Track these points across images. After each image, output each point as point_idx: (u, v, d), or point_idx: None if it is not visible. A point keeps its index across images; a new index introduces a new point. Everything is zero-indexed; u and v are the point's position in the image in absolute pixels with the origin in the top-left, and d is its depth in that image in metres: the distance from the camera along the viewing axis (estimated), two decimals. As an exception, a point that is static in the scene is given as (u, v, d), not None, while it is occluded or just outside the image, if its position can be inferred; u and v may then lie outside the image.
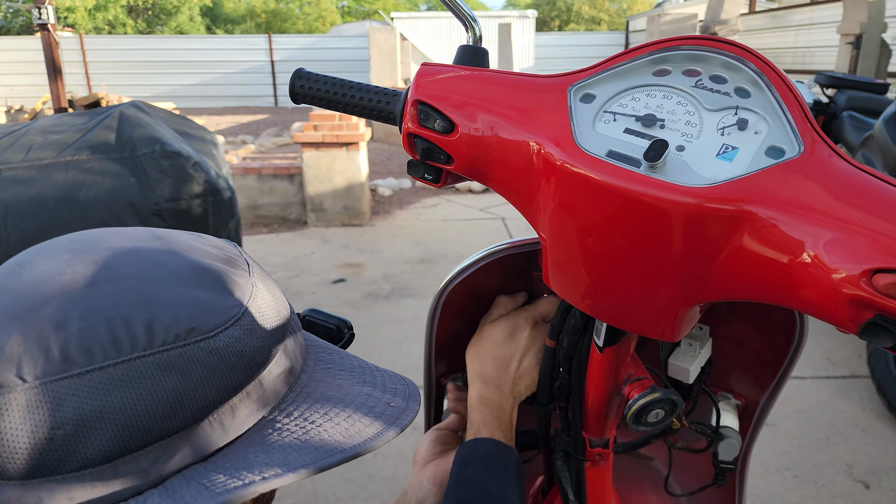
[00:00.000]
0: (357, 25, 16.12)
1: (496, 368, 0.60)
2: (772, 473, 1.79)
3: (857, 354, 2.42)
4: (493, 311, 0.65)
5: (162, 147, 2.30)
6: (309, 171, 4.19)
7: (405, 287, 3.21)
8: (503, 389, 0.60)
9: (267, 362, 0.37)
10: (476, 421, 0.58)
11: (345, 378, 0.43)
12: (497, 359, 0.61)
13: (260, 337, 0.37)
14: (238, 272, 0.39)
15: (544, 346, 0.59)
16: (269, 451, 0.35)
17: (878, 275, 0.33)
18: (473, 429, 0.58)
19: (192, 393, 0.33)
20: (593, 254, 0.43)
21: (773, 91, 0.41)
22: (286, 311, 0.41)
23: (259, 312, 0.38)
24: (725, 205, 0.37)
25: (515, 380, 0.60)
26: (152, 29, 20.09)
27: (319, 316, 0.53)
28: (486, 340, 0.62)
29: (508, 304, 0.65)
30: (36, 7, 3.51)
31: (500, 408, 0.59)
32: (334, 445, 0.36)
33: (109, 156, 2.28)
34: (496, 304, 0.65)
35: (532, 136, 0.45)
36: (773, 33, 9.98)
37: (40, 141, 2.31)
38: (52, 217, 2.20)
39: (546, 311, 0.63)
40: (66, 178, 2.23)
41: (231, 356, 0.35)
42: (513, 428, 0.60)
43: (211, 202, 2.39)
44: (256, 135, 8.87)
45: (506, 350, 0.61)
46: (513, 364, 0.61)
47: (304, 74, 0.56)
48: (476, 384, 0.60)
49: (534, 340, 0.61)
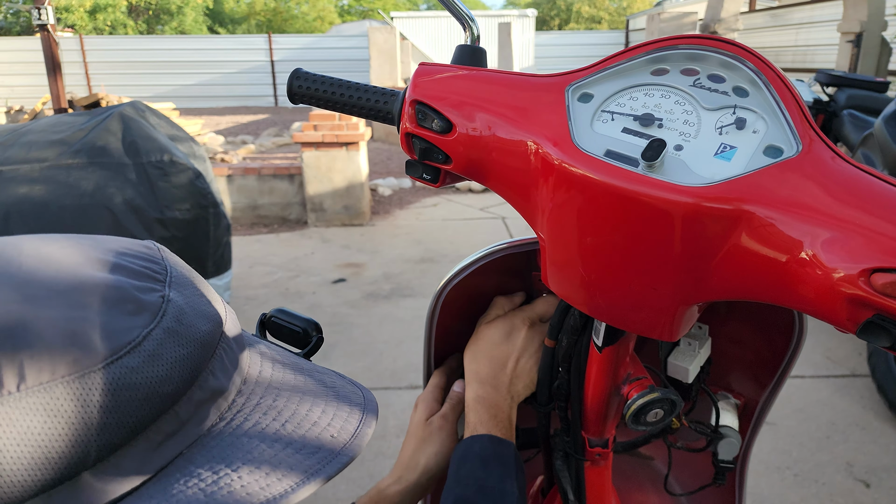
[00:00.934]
0: (357, 25, 16.11)
1: (492, 368, 0.60)
2: (772, 472, 1.79)
3: (857, 353, 2.42)
4: (490, 312, 0.64)
5: (170, 158, 2.32)
6: (309, 171, 4.19)
7: (405, 287, 3.21)
8: (500, 389, 0.59)
9: (178, 396, 0.31)
10: (473, 420, 0.58)
11: (290, 408, 0.36)
12: (493, 359, 0.60)
13: (167, 365, 0.30)
14: (147, 285, 0.33)
15: (543, 345, 0.59)
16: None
17: (877, 274, 0.33)
18: (470, 428, 0.58)
19: (73, 438, 0.27)
20: (591, 253, 0.42)
21: (772, 90, 0.40)
22: (218, 326, 0.35)
23: (171, 334, 0.31)
24: (723, 204, 0.37)
25: (513, 379, 0.60)
26: (152, 29, 20.09)
27: (285, 317, 0.48)
28: (483, 341, 0.62)
29: (506, 304, 0.64)
30: (35, 8, 3.51)
31: (497, 407, 0.59)
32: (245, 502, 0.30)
33: (113, 160, 2.28)
34: (493, 304, 0.65)
35: (530, 135, 0.45)
36: (773, 31, 9.97)
37: (41, 141, 2.31)
38: (55, 220, 2.20)
39: (543, 311, 0.63)
40: (68, 180, 2.23)
41: (124, 390, 0.28)
42: (512, 427, 0.59)
43: (212, 213, 2.42)
44: (256, 135, 8.87)
45: (502, 350, 0.61)
46: (509, 364, 0.60)
47: (302, 74, 0.56)
48: (473, 385, 0.60)
49: (531, 340, 0.61)
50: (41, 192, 2.21)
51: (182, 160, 2.34)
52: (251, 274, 3.44)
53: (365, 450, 1.88)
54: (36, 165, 2.24)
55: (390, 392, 2.21)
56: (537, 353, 0.61)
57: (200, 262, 2.39)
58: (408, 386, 2.25)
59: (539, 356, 0.61)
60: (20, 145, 2.30)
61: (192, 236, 2.35)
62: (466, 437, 0.57)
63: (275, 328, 0.48)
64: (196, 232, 2.36)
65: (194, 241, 2.36)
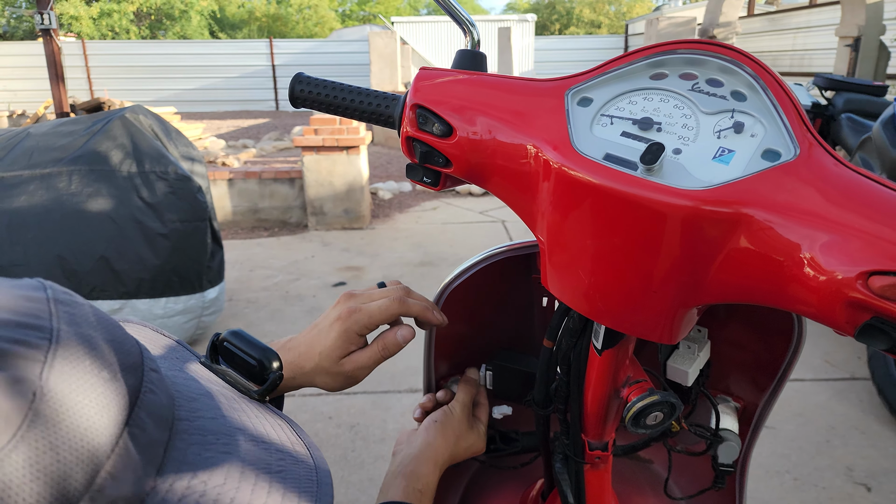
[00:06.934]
0: (357, 30, 16.17)
1: (433, 467, 0.63)
2: (772, 476, 1.79)
3: (856, 357, 2.42)
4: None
5: (175, 170, 2.33)
6: (309, 174, 4.19)
7: (405, 290, 3.21)
8: (435, 472, 0.62)
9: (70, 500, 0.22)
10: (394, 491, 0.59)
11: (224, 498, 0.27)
12: (437, 462, 0.63)
13: (49, 463, 0.22)
14: (23, 350, 0.23)
15: (543, 346, 0.59)
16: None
17: (875, 277, 0.33)
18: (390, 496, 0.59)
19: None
20: (591, 257, 0.43)
21: (769, 94, 0.41)
22: (126, 389, 0.25)
23: (54, 415, 0.22)
24: (722, 207, 0.37)
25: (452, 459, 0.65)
26: (155, 34, 20.15)
27: (241, 344, 0.39)
28: (425, 446, 0.63)
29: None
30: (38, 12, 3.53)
31: (427, 484, 0.61)
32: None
33: (115, 169, 2.29)
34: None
35: (530, 139, 0.45)
36: (772, 36, 10.00)
37: (42, 146, 2.32)
38: (56, 227, 2.20)
39: (466, 398, 0.68)
40: (70, 188, 2.23)
41: None
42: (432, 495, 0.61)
43: (209, 227, 2.43)
44: (257, 139, 8.89)
45: (443, 451, 0.64)
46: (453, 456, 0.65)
47: (304, 79, 0.56)
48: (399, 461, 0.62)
49: (461, 423, 0.66)
50: (43, 199, 2.21)
51: (185, 173, 2.36)
52: (251, 277, 3.44)
53: (364, 451, 1.88)
54: (37, 171, 2.24)
55: (390, 395, 2.21)
56: (470, 431, 0.66)
57: (197, 274, 2.40)
58: (407, 389, 2.25)
59: (474, 432, 0.66)
60: (21, 150, 2.30)
61: (191, 248, 2.36)
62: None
63: (226, 354, 0.39)
64: (195, 244, 2.37)
65: (193, 254, 2.37)
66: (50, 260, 2.18)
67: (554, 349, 0.58)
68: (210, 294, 2.46)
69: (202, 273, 2.41)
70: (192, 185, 2.36)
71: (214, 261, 2.49)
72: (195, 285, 2.38)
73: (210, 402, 0.32)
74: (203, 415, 0.30)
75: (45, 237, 2.19)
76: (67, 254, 2.19)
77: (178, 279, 2.33)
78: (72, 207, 2.21)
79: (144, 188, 2.29)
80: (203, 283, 2.42)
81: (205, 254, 2.41)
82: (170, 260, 2.29)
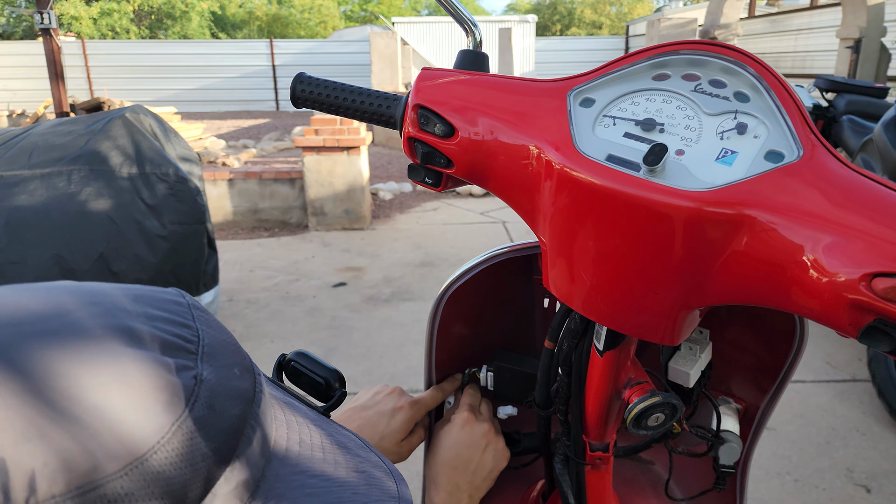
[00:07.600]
0: (358, 30, 16.18)
1: (452, 476, 0.63)
2: (772, 478, 1.78)
3: (857, 358, 2.42)
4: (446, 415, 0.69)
5: (175, 172, 2.33)
6: (310, 175, 4.19)
7: (406, 290, 3.21)
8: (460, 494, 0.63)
9: (200, 499, 0.25)
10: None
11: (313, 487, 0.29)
12: (456, 468, 0.64)
13: (193, 466, 0.24)
14: (181, 362, 0.26)
15: (544, 347, 0.59)
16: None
17: (878, 279, 0.33)
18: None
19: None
20: (593, 258, 0.43)
21: (772, 95, 0.41)
22: (248, 404, 0.28)
23: (201, 425, 0.25)
24: (725, 209, 0.37)
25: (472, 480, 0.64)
26: (155, 34, 20.16)
27: (308, 364, 0.42)
28: (442, 448, 0.64)
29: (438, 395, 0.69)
30: (38, 12, 3.53)
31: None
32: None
33: (115, 169, 2.29)
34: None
35: (532, 140, 0.45)
36: (773, 37, 10.01)
37: (42, 146, 2.31)
38: (55, 227, 2.20)
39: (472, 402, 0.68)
40: (69, 188, 2.23)
41: (144, 499, 0.23)
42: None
43: (206, 230, 2.43)
44: (258, 139, 8.89)
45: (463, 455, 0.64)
46: (470, 467, 0.64)
47: (305, 79, 0.56)
48: (433, 492, 0.62)
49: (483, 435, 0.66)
50: (42, 198, 2.21)
51: (185, 175, 2.36)
52: (252, 278, 3.44)
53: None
54: (37, 171, 2.24)
55: (390, 396, 2.21)
56: (492, 444, 0.66)
57: (195, 277, 2.40)
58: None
59: (495, 446, 0.66)
60: (21, 150, 2.30)
61: (189, 251, 2.36)
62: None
63: (293, 374, 0.43)
64: (193, 247, 2.37)
65: (191, 257, 2.37)
66: (48, 259, 2.17)
67: (555, 350, 0.58)
68: (206, 298, 2.46)
69: (199, 276, 2.41)
70: (192, 188, 2.36)
71: (209, 265, 2.49)
72: (191, 288, 2.38)
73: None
74: None
75: (43, 236, 2.19)
76: (66, 253, 2.19)
77: (175, 282, 2.33)
78: (71, 207, 2.21)
79: (145, 189, 2.29)
80: (199, 286, 2.42)
81: (202, 257, 2.41)
82: (168, 262, 2.29)
